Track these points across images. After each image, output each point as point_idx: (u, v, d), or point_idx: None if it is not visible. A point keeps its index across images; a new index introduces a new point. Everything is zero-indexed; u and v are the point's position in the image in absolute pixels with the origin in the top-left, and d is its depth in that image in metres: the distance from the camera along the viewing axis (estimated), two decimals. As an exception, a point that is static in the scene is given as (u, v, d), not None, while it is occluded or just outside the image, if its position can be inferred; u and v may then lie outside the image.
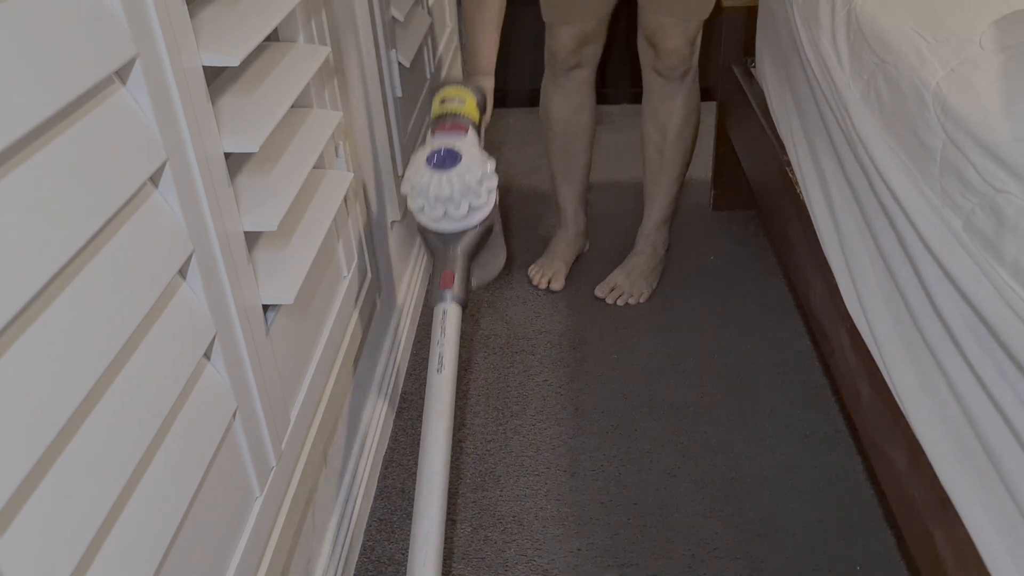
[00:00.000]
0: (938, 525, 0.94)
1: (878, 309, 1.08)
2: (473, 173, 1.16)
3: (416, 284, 1.82)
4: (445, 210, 1.16)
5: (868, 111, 1.09)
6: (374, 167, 1.48)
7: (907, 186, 0.95)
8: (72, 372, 0.55)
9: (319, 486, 1.14)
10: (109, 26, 0.61)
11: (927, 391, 0.96)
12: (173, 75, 0.69)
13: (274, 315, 0.96)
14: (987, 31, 0.97)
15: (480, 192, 1.16)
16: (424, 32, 1.87)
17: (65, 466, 0.55)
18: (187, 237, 0.72)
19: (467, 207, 1.16)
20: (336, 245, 1.19)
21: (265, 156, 0.93)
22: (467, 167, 1.15)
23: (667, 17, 1.71)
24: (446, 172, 1.15)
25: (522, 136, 2.69)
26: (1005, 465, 0.79)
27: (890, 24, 1.10)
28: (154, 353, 0.66)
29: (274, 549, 0.91)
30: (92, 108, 0.61)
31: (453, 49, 2.57)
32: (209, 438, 0.75)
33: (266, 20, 0.86)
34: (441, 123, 1.27)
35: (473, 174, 1.16)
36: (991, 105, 0.84)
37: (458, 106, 1.28)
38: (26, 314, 0.53)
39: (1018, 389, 0.77)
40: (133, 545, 0.62)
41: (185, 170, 0.72)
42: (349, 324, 1.22)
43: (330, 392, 1.11)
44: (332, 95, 1.13)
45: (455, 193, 1.15)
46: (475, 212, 1.17)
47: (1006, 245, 0.77)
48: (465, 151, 1.17)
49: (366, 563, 1.29)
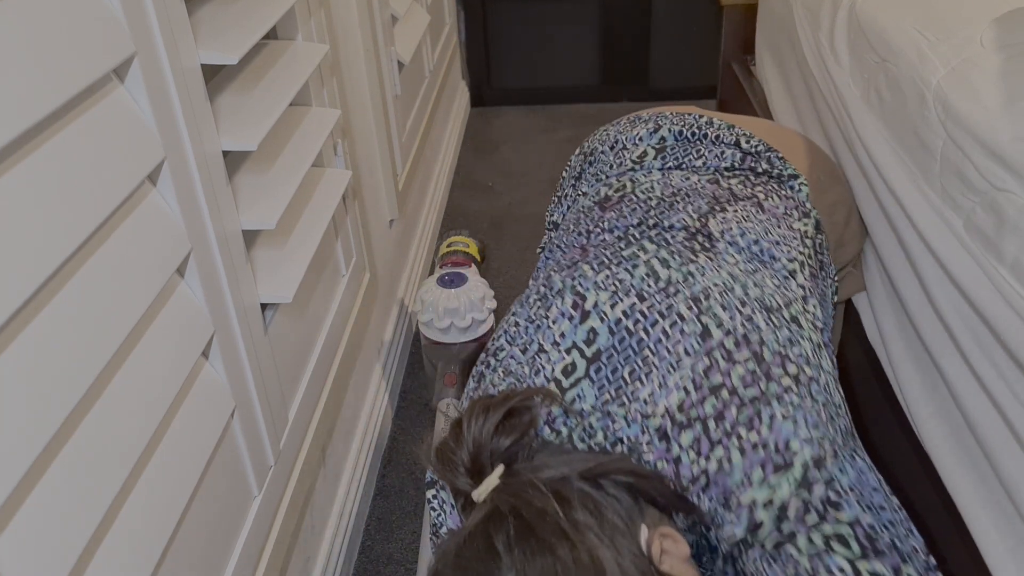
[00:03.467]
0: (938, 525, 0.94)
1: (879, 308, 1.08)
2: (477, 292, 1.41)
3: (415, 283, 1.81)
4: (451, 322, 1.39)
5: (868, 110, 1.09)
6: (373, 165, 1.48)
7: (907, 185, 0.95)
8: (70, 371, 0.54)
9: (317, 485, 1.14)
10: (108, 24, 0.61)
11: (928, 391, 0.95)
12: (171, 73, 0.69)
13: (272, 314, 0.95)
14: (987, 29, 0.97)
15: (482, 309, 1.41)
16: (423, 30, 1.86)
17: (63, 465, 0.55)
18: (185, 236, 0.71)
19: (471, 320, 1.40)
20: (334, 243, 1.18)
21: (263, 154, 0.93)
22: (473, 286, 1.42)
23: None
24: (454, 289, 1.42)
25: (521, 136, 2.69)
26: (1005, 465, 0.79)
27: (890, 23, 1.10)
28: (152, 352, 0.66)
29: (272, 548, 0.90)
30: (90, 106, 0.61)
31: (452, 47, 2.57)
32: (207, 437, 0.75)
33: (264, 18, 0.86)
34: (449, 257, 1.64)
35: (477, 292, 1.41)
36: (992, 104, 0.84)
37: (463, 247, 1.64)
38: (24, 312, 0.53)
39: (1017, 389, 0.77)
40: (131, 544, 0.62)
41: (183, 168, 0.71)
42: (348, 323, 1.22)
43: (328, 391, 1.11)
44: (331, 93, 1.13)
45: (461, 306, 1.40)
46: (477, 326, 1.41)
47: (1007, 244, 0.77)
48: (470, 275, 1.46)
49: (365, 562, 1.28)
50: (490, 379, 0.80)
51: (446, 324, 1.40)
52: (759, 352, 0.73)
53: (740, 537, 0.69)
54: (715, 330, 0.74)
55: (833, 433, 0.72)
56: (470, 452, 0.67)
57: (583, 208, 0.97)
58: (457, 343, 1.43)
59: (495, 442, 0.67)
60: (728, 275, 0.80)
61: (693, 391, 0.71)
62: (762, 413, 0.70)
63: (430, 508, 0.83)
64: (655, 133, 1.02)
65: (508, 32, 2.78)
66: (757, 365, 0.72)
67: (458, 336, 1.42)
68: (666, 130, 1.02)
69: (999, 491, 0.81)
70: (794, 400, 0.71)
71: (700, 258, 0.81)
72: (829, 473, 0.68)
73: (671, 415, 0.70)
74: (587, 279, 0.80)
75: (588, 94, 2.85)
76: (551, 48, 2.79)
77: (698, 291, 0.77)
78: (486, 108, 2.87)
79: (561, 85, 2.84)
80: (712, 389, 0.71)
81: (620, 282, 0.79)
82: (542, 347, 0.77)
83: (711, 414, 0.70)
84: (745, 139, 1.00)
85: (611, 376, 0.74)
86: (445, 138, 2.40)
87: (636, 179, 0.96)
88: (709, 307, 0.75)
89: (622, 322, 0.75)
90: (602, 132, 1.12)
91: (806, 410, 0.71)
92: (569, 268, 0.83)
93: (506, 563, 0.60)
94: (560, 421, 0.73)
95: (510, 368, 0.78)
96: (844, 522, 0.66)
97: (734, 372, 0.71)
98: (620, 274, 0.80)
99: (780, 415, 0.70)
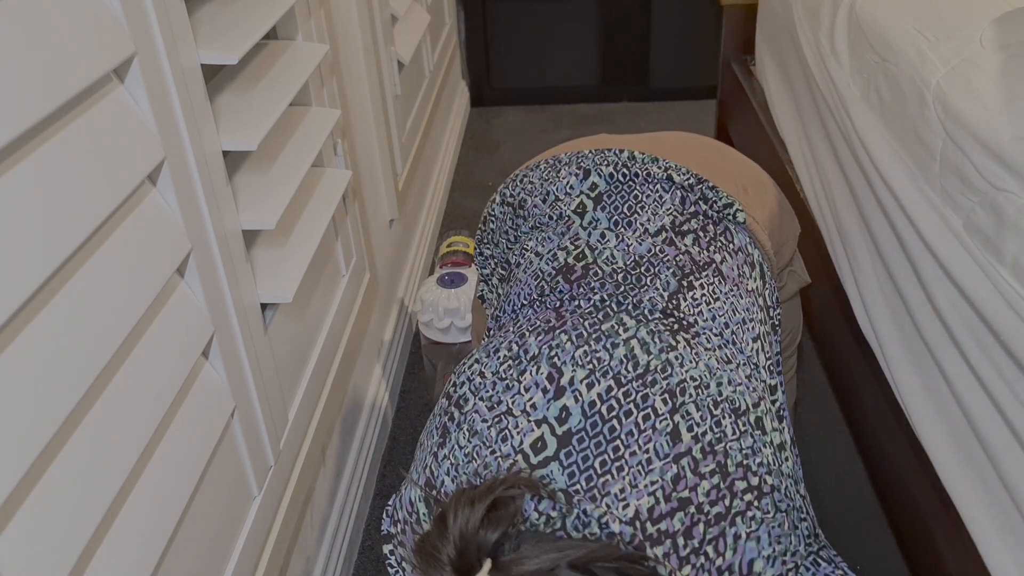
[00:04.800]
0: (938, 525, 0.94)
1: (878, 308, 1.08)
2: (477, 290, 1.35)
3: (415, 283, 1.81)
4: (451, 322, 1.39)
5: (868, 110, 1.09)
6: (372, 165, 1.48)
7: (907, 185, 0.95)
8: (70, 371, 0.54)
9: (318, 485, 1.14)
10: (107, 24, 0.61)
11: (927, 391, 0.95)
12: (171, 73, 0.69)
13: (272, 314, 0.95)
14: (987, 29, 0.97)
15: None
16: (423, 29, 1.86)
17: (63, 465, 0.55)
18: (185, 235, 0.71)
19: (471, 319, 1.33)
20: (334, 243, 1.18)
21: (263, 154, 0.93)
22: (472, 286, 1.40)
23: None
24: (454, 289, 1.41)
25: (521, 136, 2.69)
26: (1005, 465, 0.79)
27: (890, 23, 1.10)
28: (152, 352, 0.66)
29: (272, 548, 0.90)
30: (90, 106, 0.61)
31: (452, 47, 2.57)
32: (207, 437, 0.75)
33: (264, 18, 0.86)
34: (449, 257, 1.59)
35: (477, 291, 1.35)
36: (991, 103, 0.84)
37: (463, 247, 1.61)
38: (23, 312, 0.53)
39: (1017, 389, 0.77)
40: (131, 544, 0.62)
41: (183, 168, 0.71)
42: (347, 323, 1.22)
43: (328, 391, 1.11)
44: (331, 93, 1.13)
45: (461, 306, 1.39)
46: None
47: (1006, 244, 0.77)
48: (470, 275, 1.45)
49: (365, 562, 1.28)
50: (455, 438, 0.77)
51: (446, 324, 1.41)
52: (723, 464, 0.73)
53: None
54: (685, 434, 0.74)
55: (795, 543, 0.74)
56: (457, 547, 0.65)
57: (543, 273, 0.94)
58: (457, 343, 1.43)
59: (481, 536, 0.65)
60: (705, 367, 0.79)
61: (663, 501, 0.71)
62: (726, 533, 0.70)
63: (387, 565, 0.82)
64: (585, 180, 0.99)
65: (508, 32, 2.78)
66: (722, 479, 0.72)
67: (458, 336, 1.42)
68: (595, 175, 1.00)
69: (999, 491, 0.81)
70: (756, 516, 0.72)
71: (680, 344, 0.81)
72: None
73: (642, 523, 0.70)
74: (565, 352, 0.79)
75: (588, 94, 2.85)
76: (551, 48, 2.79)
77: (675, 384, 0.77)
78: (486, 108, 2.87)
79: (561, 85, 2.84)
80: (681, 502, 0.71)
81: (599, 361, 0.78)
82: (511, 410, 0.76)
83: (680, 529, 0.70)
84: (675, 171, 0.99)
85: (581, 464, 0.73)
86: (445, 138, 2.40)
87: (593, 245, 0.93)
88: (683, 404, 0.75)
89: (596, 406, 0.75)
90: (523, 180, 1.07)
91: (768, 524, 0.72)
92: (546, 334, 0.82)
93: None
94: (547, 504, 0.71)
95: (475, 427, 0.77)
96: None
97: (700, 487, 0.72)
98: (600, 352, 0.79)
99: (744, 534, 0.71)
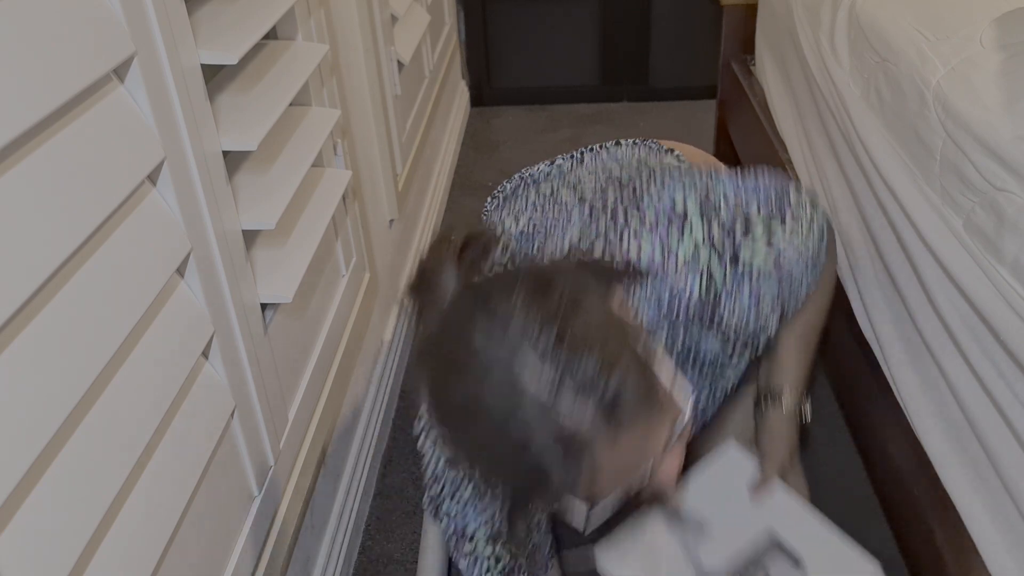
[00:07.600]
0: (938, 525, 0.94)
1: (878, 308, 1.08)
2: None
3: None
4: None
5: (868, 109, 1.09)
6: (372, 165, 1.48)
7: (907, 185, 0.95)
8: (70, 370, 0.54)
9: (317, 485, 1.14)
10: (107, 24, 0.61)
11: (927, 391, 0.95)
12: (171, 73, 0.69)
13: (272, 314, 0.95)
14: (987, 29, 0.97)
15: None
16: (423, 29, 1.86)
17: (63, 465, 0.55)
18: (185, 235, 0.71)
19: None
20: (334, 243, 1.18)
21: (263, 154, 0.93)
22: None
23: None
24: None
25: (521, 136, 2.69)
26: (1005, 465, 0.79)
27: (890, 22, 1.10)
28: (152, 352, 0.66)
29: (272, 548, 0.90)
30: (90, 106, 0.61)
31: (452, 47, 2.57)
32: (207, 437, 0.75)
33: (264, 18, 0.86)
34: None
35: None
36: (991, 103, 0.84)
37: None
38: (23, 312, 0.53)
39: (1017, 389, 0.77)
40: (131, 544, 0.62)
41: (183, 168, 0.71)
42: (348, 323, 1.22)
43: (328, 391, 1.11)
44: (331, 93, 1.13)
45: None
46: None
47: (1006, 244, 0.77)
48: None
49: (364, 562, 1.28)
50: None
51: None
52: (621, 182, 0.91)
53: (700, 295, 0.82)
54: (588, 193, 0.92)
55: (696, 176, 0.89)
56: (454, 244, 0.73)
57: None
58: None
59: (453, 245, 0.74)
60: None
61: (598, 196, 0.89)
62: (642, 201, 0.86)
63: (436, 520, 0.91)
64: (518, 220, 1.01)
65: (508, 32, 2.78)
66: (622, 187, 0.89)
67: None
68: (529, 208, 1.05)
69: (999, 491, 0.81)
70: (663, 180, 0.88)
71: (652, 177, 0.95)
72: (715, 194, 0.86)
73: (583, 215, 0.88)
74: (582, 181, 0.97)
75: (588, 94, 2.85)
76: (551, 48, 2.79)
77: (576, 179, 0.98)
78: (486, 108, 2.87)
79: (561, 85, 2.84)
80: (606, 185, 0.90)
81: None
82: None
83: (611, 205, 0.86)
84: None
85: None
86: (445, 138, 2.40)
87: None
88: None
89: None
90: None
91: (672, 178, 0.88)
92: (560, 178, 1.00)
93: (517, 313, 0.63)
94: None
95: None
96: (755, 215, 0.84)
97: (610, 191, 0.89)
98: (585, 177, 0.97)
99: (656, 191, 0.86)
